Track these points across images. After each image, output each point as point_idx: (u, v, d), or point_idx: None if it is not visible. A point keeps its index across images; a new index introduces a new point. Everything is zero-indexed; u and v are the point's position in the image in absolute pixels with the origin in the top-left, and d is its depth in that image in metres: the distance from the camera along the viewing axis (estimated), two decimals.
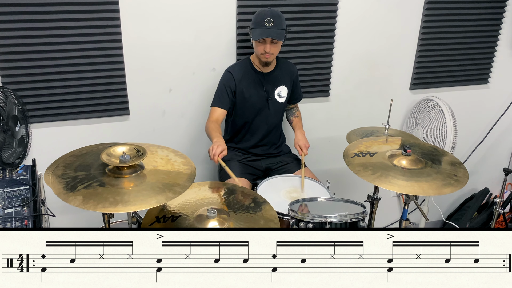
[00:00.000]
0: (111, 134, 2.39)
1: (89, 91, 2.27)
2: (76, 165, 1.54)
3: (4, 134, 1.96)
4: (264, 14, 2.11)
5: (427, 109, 2.73)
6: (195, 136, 2.57)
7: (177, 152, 1.71)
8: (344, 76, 2.72)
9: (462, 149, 3.13)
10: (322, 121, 2.79)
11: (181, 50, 2.36)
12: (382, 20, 2.65)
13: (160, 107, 2.45)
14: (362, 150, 1.92)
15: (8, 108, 2.00)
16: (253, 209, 1.67)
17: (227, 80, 2.26)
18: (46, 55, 2.14)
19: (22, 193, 1.87)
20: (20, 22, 2.05)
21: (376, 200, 2.06)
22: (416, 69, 2.83)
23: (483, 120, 3.16)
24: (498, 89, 3.09)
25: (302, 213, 1.72)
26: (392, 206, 3.23)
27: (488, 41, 2.92)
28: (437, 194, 1.67)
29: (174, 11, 2.28)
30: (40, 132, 2.26)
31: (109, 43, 2.22)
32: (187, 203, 1.68)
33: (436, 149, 1.99)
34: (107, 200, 1.36)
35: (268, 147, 2.43)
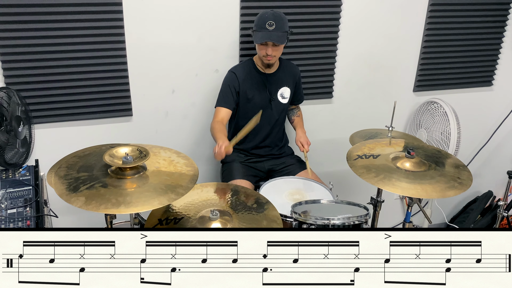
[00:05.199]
0: (114, 135, 2.39)
1: (92, 92, 2.27)
2: (78, 166, 1.54)
3: (7, 134, 1.96)
4: (266, 17, 2.11)
5: (430, 111, 2.72)
6: (198, 137, 2.57)
7: (179, 153, 1.71)
8: (347, 78, 2.71)
9: (466, 152, 3.11)
10: (325, 123, 2.79)
11: (184, 51, 2.36)
12: (385, 22, 2.65)
13: (163, 109, 2.45)
14: (365, 152, 1.91)
15: (11, 108, 2.00)
16: (256, 209, 1.67)
17: (231, 80, 2.26)
18: (49, 56, 2.14)
19: (24, 193, 1.87)
20: (24, 23, 2.06)
21: (379, 202, 2.05)
22: (420, 71, 2.82)
23: (487, 122, 3.15)
24: (502, 91, 3.08)
25: (305, 215, 1.72)
26: (395, 209, 3.22)
27: (492, 43, 2.91)
28: (441, 196, 1.66)
29: (177, 13, 2.28)
30: (43, 133, 2.27)
31: (113, 44, 2.22)
32: (189, 205, 1.68)
33: (440, 151, 1.98)
34: (110, 201, 1.36)
35: (271, 148, 2.43)
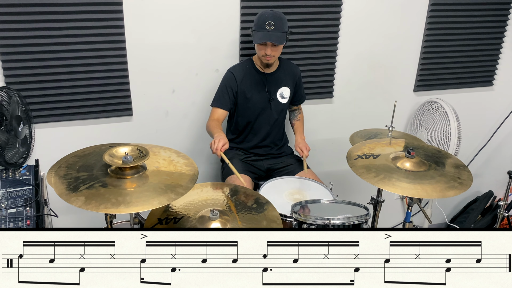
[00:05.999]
0: (114, 134, 2.39)
1: (93, 91, 2.27)
2: (78, 166, 1.54)
3: (7, 134, 1.96)
4: (265, 17, 2.11)
5: (431, 111, 2.72)
6: (197, 137, 2.57)
7: (179, 153, 1.70)
8: (347, 78, 2.71)
9: (466, 152, 3.11)
10: (325, 122, 2.78)
11: (184, 51, 2.36)
12: (386, 21, 2.64)
13: (163, 108, 2.45)
14: (365, 152, 1.91)
15: (11, 108, 2.00)
16: (255, 209, 1.67)
17: (228, 80, 2.26)
18: (49, 56, 2.14)
19: (25, 193, 1.87)
20: (24, 22, 2.06)
21: (379, 202, 2.05)
22: (420, 71, 2.82)
23: (487, 122, 3.14)
24: (502, 91, 3.07)
25: (305, 215, 1.72)
26: (396, 209, 3.22)
27: (492, 43, 2.91)
28: (441, 196, 1.65)
29: (177, 12, 2.28)
30: (43, 133, 2.27)
31: (113, 43, 2.22)
32: (189, 204, 1.68)
33: (440, 151, 1.98)
34: (109, 201, 1.35)
35: (270, 148, 2.42)
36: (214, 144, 1.97)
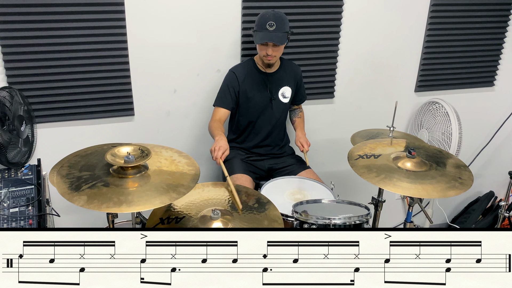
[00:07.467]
0: (116, 134, 2.39)
1: (94, 91, 2.28)
2: (80, 165, 1.55)
3: (9, 133, 1.97)
4: (266, 17, 2.11)
5: (432, 111, 2.72)
6: (199, 136, 2.57)
7: (181, 153, 1.71)
8: (348, 78, 2.71)
9: (467, 152, 3.11)
10: (326, 122, 2.79)
11: (185, 51, 2.37)
12: (387, 21, 2.65)
13: (165, 108, 2.45)
14: (366, 152, 1.92)
15: (14, 108, 2.01)
16: (257, 209, 1.67)
17: (230, 80, 2.27)
18: (52, 56, 2.15)
19: (27, 192, 1.88)
20: (26, 22, 2.07)
21: (380, 202, 2.05)
22: (421, 71, 2.82)
23: (488, 122, 3.14)
24: (503, 92, 3.07)
25: (306, 214, 1.72)
26: (397, 209, 3.22)
27: (494, 44, 2.91)
28: (442, 196, 1.65)
29: (178, 13, 2.29)
30: (45, 132, 2.28)
31: (115, 44, 2.23)
32: (191, 204, 1.68)
33: (441, 151, 1.98)
34: (111, 200, 1.36)
35: (272, 148, 2.43)
36: (214, 152, 1.98)
